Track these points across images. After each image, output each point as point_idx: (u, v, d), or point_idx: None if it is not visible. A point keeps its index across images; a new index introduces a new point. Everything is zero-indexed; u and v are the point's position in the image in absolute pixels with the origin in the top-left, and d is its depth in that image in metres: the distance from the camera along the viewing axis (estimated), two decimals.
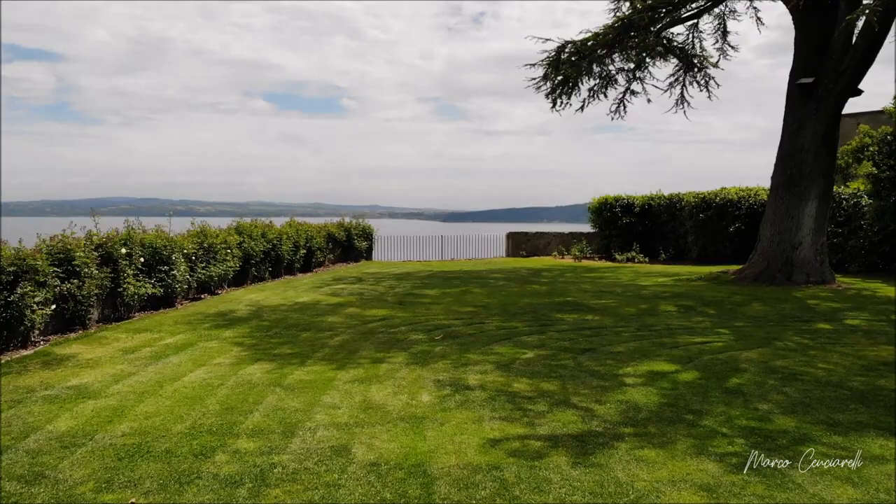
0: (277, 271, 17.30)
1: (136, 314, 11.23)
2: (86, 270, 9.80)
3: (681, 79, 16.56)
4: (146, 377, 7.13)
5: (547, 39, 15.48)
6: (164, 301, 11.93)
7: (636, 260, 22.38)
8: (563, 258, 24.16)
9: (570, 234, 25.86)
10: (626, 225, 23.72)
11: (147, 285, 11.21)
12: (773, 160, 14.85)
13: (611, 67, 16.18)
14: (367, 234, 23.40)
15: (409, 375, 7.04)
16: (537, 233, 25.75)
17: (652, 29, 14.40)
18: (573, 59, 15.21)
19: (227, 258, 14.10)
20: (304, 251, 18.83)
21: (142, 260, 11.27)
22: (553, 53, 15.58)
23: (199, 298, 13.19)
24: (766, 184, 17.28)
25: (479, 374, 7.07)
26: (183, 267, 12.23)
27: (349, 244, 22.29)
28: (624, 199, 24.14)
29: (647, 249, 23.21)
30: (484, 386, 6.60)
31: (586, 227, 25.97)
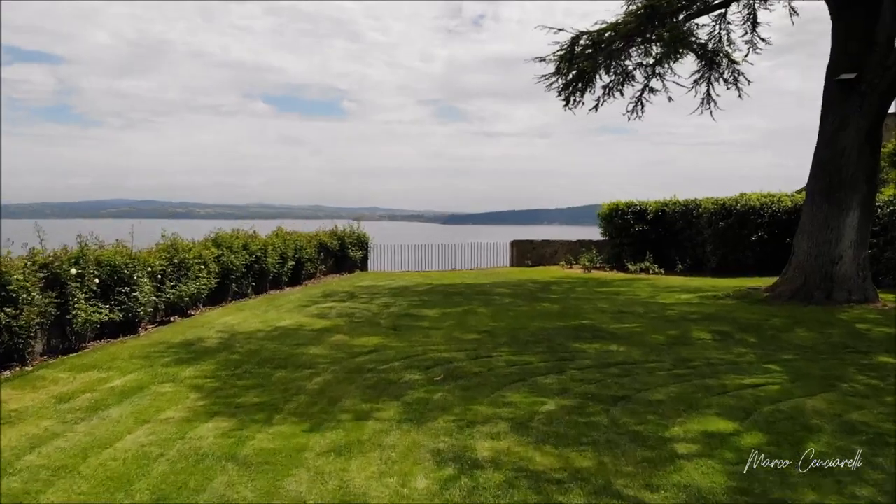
0: (262, 286, 15.82)
1: (91, 343, 9.75)
2: (25, 296, 8.33)
3: (706, 75, 15.01)
4: (72, 441, 5.66)
5: (559, 30, 14.05)
6: (126, 327, 10.44)
7: (651, 271, 20.90)
8: (570, 268, 22.68)
9: (578, 242, 24.37)
10: (639, 233, 22.24)
11: (103, 311, 9.73)
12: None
13: (628, 63, 14.71)
14: (363, 243, 21.91)
15: (400, 441, 5.55)
16: (543, 241, 24.26)
17: (678, 18, 12.93)
18: (588, 51, 13.74)
19: (202, 275, 12.62)
20: (293, 263, 17.36)
21: (97, 281, 9.78)
22: (566, 46, 14.11)
23: (168, 321, 11.71)
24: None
25: (491, 440, 5.57)
26: (147, 287, 10.74)
27: (343, 254, 20.81)
28: (636, 205, 22.67)
29: (661, 259, 21.73)
30: (498, 461, 5.11)
31: (594, 233, 24.53)
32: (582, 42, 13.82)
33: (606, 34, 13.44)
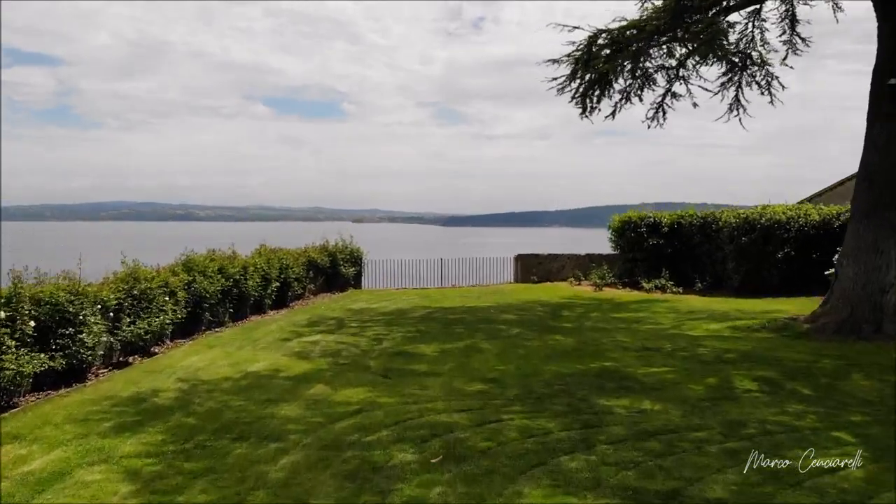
0: (242, 311, 14.29)
1: (26, 398, 8.23)
2: None
3: (735, 78, 13.45)
4: None
5: (574, 28, 12.54)
6: (72, 375, 8.92)
7: (668, 290, 19.38)
8: (579, 285, 21.15)
9: (587, 256, 22.83)
10: (654, 247, 20.71)
11: (39, 358, 8.21)
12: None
13: (648, 64, 13.18)
14: (356, 259, 20.37)
15: None
16: (550, 255, 22.71)
17: (708, 14, 11.41)
18: (606, 52, 12.23)
19: (168, 306, 11.09)
20: (278, 284, 15.84)
21: (33, 324, 8.26)
22: (583, 46, 12.59)
23: (126, 363, 10.18)
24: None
25: None
26: (98, 327, 9.22)
27: (334, 271, 19.28)
28: (650, 217, 21.14)
29: (677, 275, 20.20)
30: None
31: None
32: (600, 41, 12.32)
33: (628, 32, 11.91)
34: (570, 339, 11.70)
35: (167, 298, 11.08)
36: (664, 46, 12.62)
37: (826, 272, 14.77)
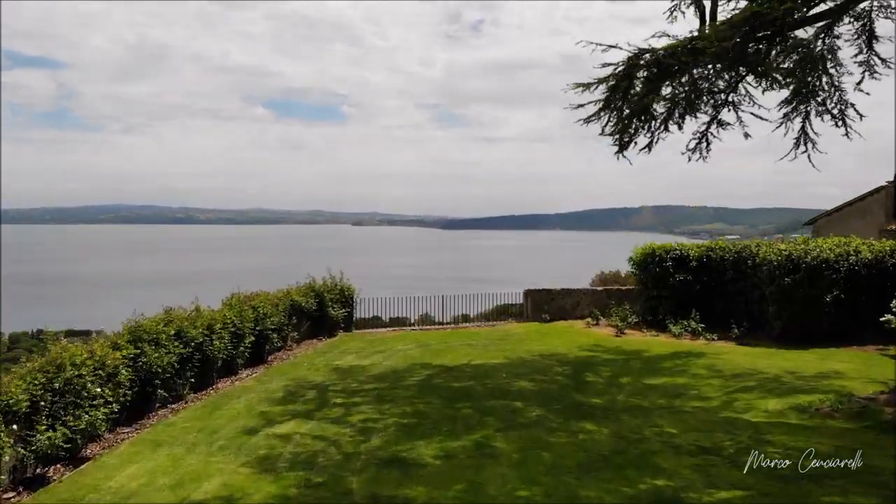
0: (207, 378, 12.08)
1: None
2: None
3: (802, 107, 11.09)
4: None
5: (610, 47, 10.27)
6: None
7: (699, 334, 17.17)
8: (597, 326, 18.90)
9: (605, 291, 20.58)
10: (681, 283, 18.48)
11: None
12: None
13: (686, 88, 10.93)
14: (347, 299, 18.11)
15: None
16: (563, 290, 20.44)
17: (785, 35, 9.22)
18: (645, 74, 10.04)
19: (106, 394, 8.88)
20: (254, 337, 13.64)
21: None
22: (620, 70, 10.38)
23: (43, 479, 7.95)
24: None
25: None
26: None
27: (321, 314, 17.05)
28: (676, 249, 18.92)
29: (708, 316, 18.00)
30: None
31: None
32: (644, 61, 10.10)
33: (680, 55, 9.64)
34: (605, 431, 9.47)
35: (102, 387, 8.85)
36: (715, 68, 10.43)
37: (882, 318, 12.61)
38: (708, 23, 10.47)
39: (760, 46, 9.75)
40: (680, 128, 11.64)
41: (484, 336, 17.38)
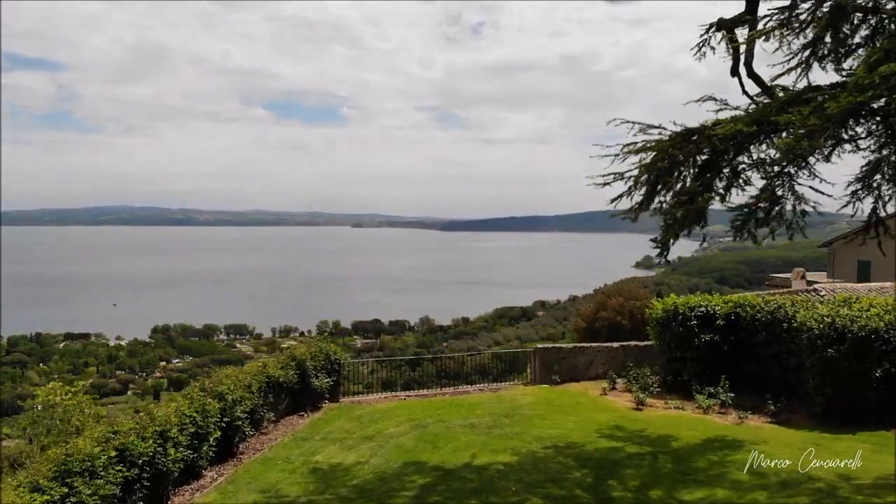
0: (158, 497, 10.12)
1: None
2: None
3: (872, 181, 9.06)
4: None
5: (649, 127, 8.36)
6: None
7: (728, 407, 15.29)
8: (614, 392, 16.98)
9: (621, 347, 18.65)
10: (707, 344, 16.57)
11: None
12: None
13: (742, 158, 9.05)
14: (333, 366, 16.09)
15: None
16: (575, 348, 18.51)
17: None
18: (700, 161, 8.17)
19: None
20: (221, 432, 11.72)
21: None
22: (663, 154, 8.48)
23: None
24: None
25: None
26: None
27: (304, 386, 15.08)
28: (701, 306, 16.99)
29: (737, 380, 16.14)
30: None
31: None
32: (694, 142, 8.26)
33: (741, 128, 7.73)
34: None
35: None
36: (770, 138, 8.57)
37: None
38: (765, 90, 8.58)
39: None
40: (723, 200, 9.72)
41: (488, 409, 15.37)
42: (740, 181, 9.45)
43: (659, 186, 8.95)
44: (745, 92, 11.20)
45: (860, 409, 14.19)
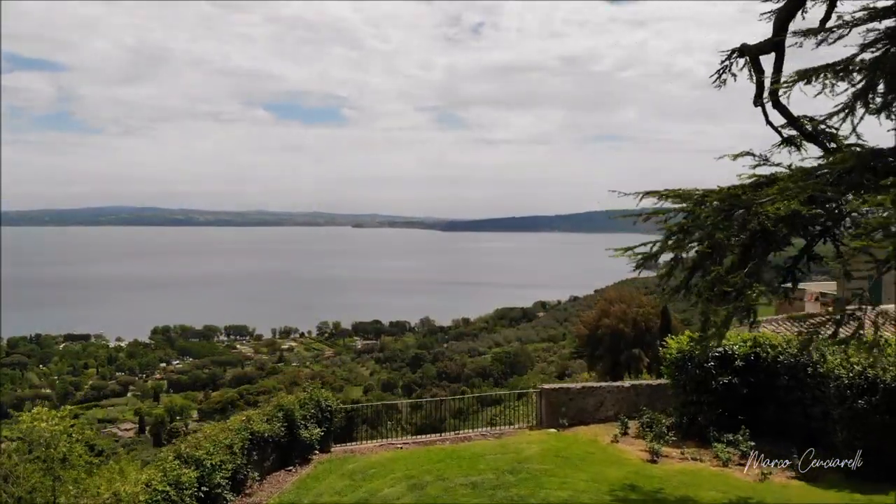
0: None
1: None
2: None
3: None
4: None
5: (677, 197, 7.29)
6: None
7: (750, 457, 14.20)
8: (626, 438, 15.88)
9: (632, 387, 17.55)
10: (724, 387, 15.50)
11: None
12: None
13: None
14: (325, 414, 14.95)
15: None
16: (584, 388, 17.37)
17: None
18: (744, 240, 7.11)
19: None
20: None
21: None
22: (697, 221, 7.43)
23: None
24: None
25: None
26: None
27: (292, 439, 13.98)
28: (719, 349, 15.89)
29: (757, 424, 15.11)
30: None
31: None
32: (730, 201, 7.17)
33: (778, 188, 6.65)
34: None
35: None
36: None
37: None
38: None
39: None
40: (774, 293, 8.64)
41: (491, 463, 14.19)
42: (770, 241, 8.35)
43: (698, 272, 7.90)
44: (768, 122, 10.23)
45: (893, 467, 13.11)
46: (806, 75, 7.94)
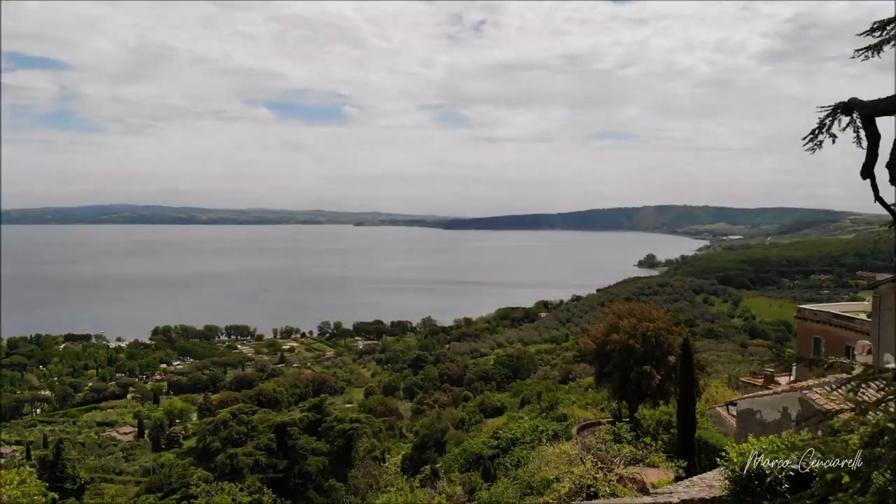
0: None
1: None
2: None
3: None
4: None
5: None
6: None
7: None
8: None
9: None
10: None
11: None
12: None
13: None
14: None
15: None
16: None
17: None
18: None
19: None
20: None
21: None
22: None
23: None
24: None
25: None
26: None
27: None
28: (792, 469, 12.11)
29: None
30: None
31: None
32: None
33: None
34: None
35: None
36: None
37: None
38: None
39: None
40: None
41: None
42: None
43: None
44: (878, 198, 8.70)
45: None
46: None
